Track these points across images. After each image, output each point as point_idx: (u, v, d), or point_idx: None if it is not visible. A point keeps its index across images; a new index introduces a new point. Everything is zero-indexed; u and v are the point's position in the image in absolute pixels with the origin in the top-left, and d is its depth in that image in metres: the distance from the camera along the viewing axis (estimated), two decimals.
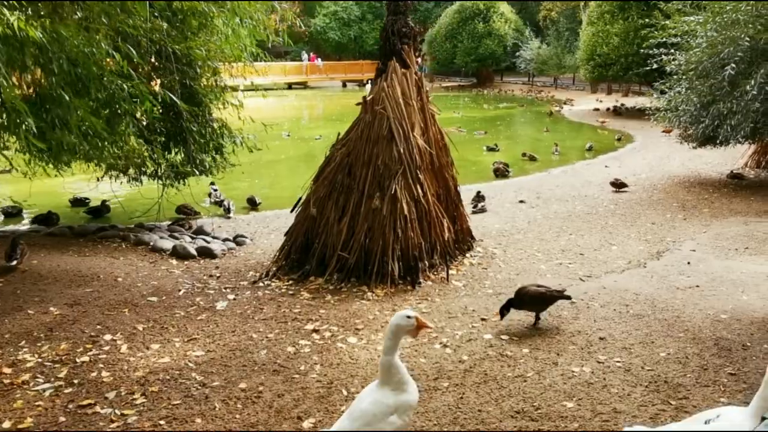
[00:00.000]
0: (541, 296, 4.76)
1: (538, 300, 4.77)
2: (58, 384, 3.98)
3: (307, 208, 6.65)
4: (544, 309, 4.88)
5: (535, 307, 4.84)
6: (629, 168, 13.52)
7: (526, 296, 4.76)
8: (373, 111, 6.60)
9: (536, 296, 4.76)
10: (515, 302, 4.80)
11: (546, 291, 4.80)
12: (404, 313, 2.88)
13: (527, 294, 4.77)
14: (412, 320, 2.86)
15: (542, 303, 4.82)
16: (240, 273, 6.59)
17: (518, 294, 4.82)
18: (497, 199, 10.64)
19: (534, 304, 4.81)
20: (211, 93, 8.45)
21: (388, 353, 2.83)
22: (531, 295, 4.76)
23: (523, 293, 4.79)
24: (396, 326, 2.86)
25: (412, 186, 6.31)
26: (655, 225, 8.38)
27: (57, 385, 3.97)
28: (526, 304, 4.80)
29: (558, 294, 4.81)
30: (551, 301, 4.82)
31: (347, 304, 5.52)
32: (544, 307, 4.86)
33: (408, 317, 2.87)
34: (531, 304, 4.80)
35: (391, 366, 2.83)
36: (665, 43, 11.63)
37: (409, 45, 6.80)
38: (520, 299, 4.79)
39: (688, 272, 6.08)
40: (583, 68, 25.78)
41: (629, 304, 5.27)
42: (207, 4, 7.78)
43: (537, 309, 4.88)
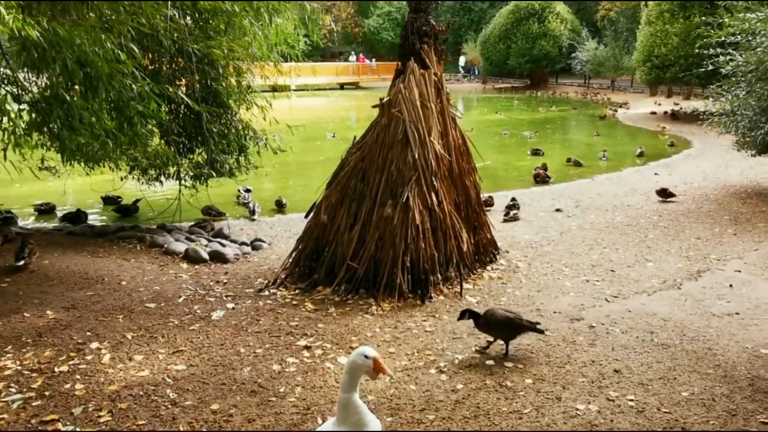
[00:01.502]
0: (507, 322, 4.33)
1: (504, 326, 4.35)
2: (29, 395, 3.83)
3: (318, 215, 6.40)
4: (511, 338, 4.42)
5: (501, 334, 4.41)
6: (681, 176, 12.68)
7: (492, 320, 4.38)
8: (390, 114, 6.28)
9: (502, 322, 4.34)
10: (482, 325, 4.44)
11: (515, 318, 4.35)
12: (362, 351, 2.60)
13: (493, 318, 4.38)
14: (369, 361, 2.57)
15: (508, 330, 4.37)
16: (248, 280, 6.38)
17: (485, 316, 4.44)
18: (533, 206, 10.11)
19: (500, 331, 4.39)
20: (234, 94, 8.31)
21: (346, 390, 2.59)
22: (497, 319, 4.36)
23: (489, 316, 4.42)
24: (353, 363, 2.59)
25: (426, 194, 5.95)
26: (700, 240, 7.70)
27: (28, 396, 3.82)
28: (492, 329, 4.41)
29: (528, 325, 4.35)
30: (519, 330, 4.37)
31: (349, 318, 5.22)
32: (511, 335, 4.41)
33: (366, 357, 2.57)
34: (497, 329, 4.40)
35: (349, 404, 2.58)
36: (723, 42, 10.80)
37: (429, 45, 6.44)
38: (486, 322, 4.41)
39: (728, 296, 5.47)
40: (639, 70, 24.61)
41: (655, 331, 4.75)
42: (231, 4, 7.65)
43: (503, 337, 4.43)
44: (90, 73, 5.73)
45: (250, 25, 7.89)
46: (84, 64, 5.58)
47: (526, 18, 39.18)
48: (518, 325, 4.32)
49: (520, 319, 4.35)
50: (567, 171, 14.02)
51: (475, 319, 4.48)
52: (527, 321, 4.37)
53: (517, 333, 4.38)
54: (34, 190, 10.70)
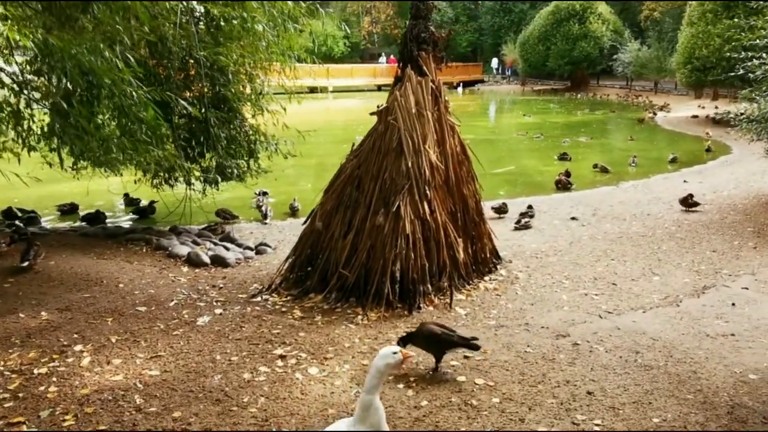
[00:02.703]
0: (434, 337, 4.23)
1: (431, 341, 4.26)
2: (4, 396, 3.95)
3: (314, 222, 6.41)
4: (440, 353, 4.31)
5: (430, 348, 4.33)
6: (712, 184, 12.21)
7: (420, 334, 4.31)
8: (386, 121, 6.25)
9: (429, 336, 4.25)
10: (413, 337, 4.37)
11: (442, 333, 4.24)
12: (390, 350, 2.74)
13: (422, 331, 4.31)
14: (398, 356, 2.73)
15: (436, 345, 4.27)
16: (244, 284, 6.44)
17: (417, 329, 4.40)
18: (549, 214, 9.90)
19: (428, 345, 4.32)
20: (244, 99, 8.41)
21: (370, 392, 2.65)
22: (425, 334, 4.28)
23: (419, 329, 4.36)
24: (384, 365, 2.70)
25: (418, 203, 5.88)
26: (716, 253, 7.38)
27: (2, 397, 3.94)
28: (421, 343, 4.33)
29: (460, 341, 4.23)
30: (447, 345, 4.25)
31: (332, 327, 5.21)
32: (440, 351, 4.30)
33: (394, 353, 2.73)
34: (425, 344, 4.33)
35: (371, 405, 2.63)
36: (754, 46, 10.35)
37: (428, 51, 6.38)
38: (416, 335, 4.33)
39: (728, 316, 5.22)
40: (679, 72, 23.83)
41: (641, 351, 4.57)
42: (240, 10, 7.74)
43: (432, 351, 4.34)
44: (92, 81, 5.91)
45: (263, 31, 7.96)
46: (86, 72, 5.76)
47: (567, 19, 38.49)
48: (445, 341, 4.24)
49: (450, 335, 4.25)
50: (593, 177, 13.69)
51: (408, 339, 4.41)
52: (459, 337, 4.26)
53: (446, 349, 4.30)
54: (63, 191, 11.05)
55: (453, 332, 4.29)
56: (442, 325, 4.40)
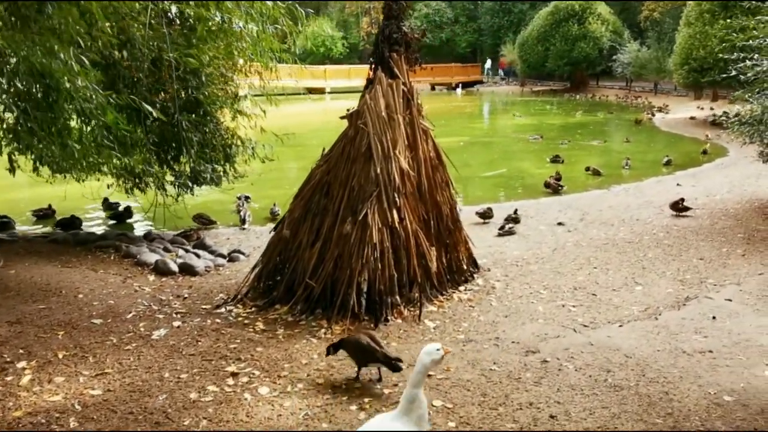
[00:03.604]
0: (359, 347, 4.17)
1: (356, 350, 4.20)
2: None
3: (281, 229, 6.18)
4: (362, 364, 4.22)
5: (354, 357, 4.25)
6: (705, 187, 11.94)
7: (349, 342, 4.28)
8: (356, 125, 6.02)
9: (356, 346, 4.20)
10: (343, 343, 4.33)
11: (367, 345, 4.13)
12: (433, 347, 2.89)
13: (350, 341, 4.27)
14: (441, 351, 2.90)
15: (360, 355, 4.19)
16: (210, 294, 6.22)
17: (349, 336, 4.44)
18: (536, 219, 9.65)
19: (353, 354, 4.25)
20: (219, 102, 8.18)
21: (415, 386, 2.81)
22: (352, 342, 4.24)
23: (349, 337, 4.37)
24: (430, 362, 2.87)
25: (387, 211, 5.65)
26: (703, 261, 7.13)
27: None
28: (349, 351, 4.29)
29: (382, 357, 4.09)
30: (369, 358, 4.14)
31: (293, 341, 4.97)
32: (362, 361, 4.20)
33: (438, 349, 2.89)
34: (351, 351, 4.27)
35: (416, 399, 2.79)
36: (746, 47, 10.08)
37: (399, 53, 6.14)
38: (346, 342, 4.32)
39: (707, 330, 4.97)
40: (676, 73, 23.53)
41: (612, 369, 4.32)
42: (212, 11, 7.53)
43: (356, 360, 4.25)
44: (50, 84, 5.69)
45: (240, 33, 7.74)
46: (42, 75, 5.54)
47: (566, 19, 38.18)
48: (369, 353, 4.13)
49: (375, 349, 4.11)
50: (584, 180, 13.43)
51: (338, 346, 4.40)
52: (383, 354, 4.10)
53: (368, 361, 4.17)
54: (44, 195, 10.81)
55: (379, 347, 4.15)
56: (372, 337, 4.28)
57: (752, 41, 9.86)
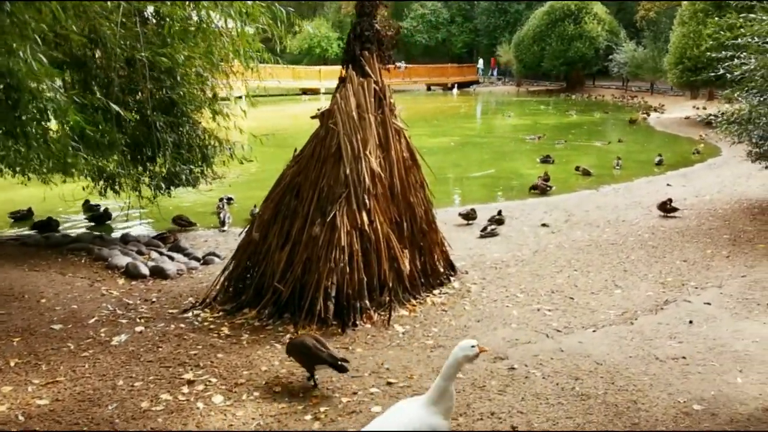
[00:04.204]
0: (305, 350, 4.09)
1: (302, 353, 4.12)
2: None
3: (251, 232, 6.04)
4: (309, 367, 4.12)
5: (300, 360, 4.17)
6: (695, 187, 11.81)
7: (294, 347, 4.21)
8: (326, 126, 5.88)
9: (302, 348, 4.12)
10: (290, 346, 4.26)
11: (313, 347, 4.03)
12: (468, 344, 2.89)
13: (295, 344, 4.19)
14: (476, 349, 2.88)
15: (306, 357, 4.10)
16: (179, 298, 6.07)
17: (295, 338, 4.34)
18: (521, 220, 9.51)
19: (299, 356, 4.17)
20: (196, 102, 8.03)
21: (447, 379, 2.84)
22: (298, 345, 4.16)
23: (295, 339, 4.29)
24: (463, 357, 2.86)
25: (356, 213, 5.51)
26: (686, 263, 6.98)
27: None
28: (295, 356, 4.20)
29: (328, 358, 4.01)
30: (316, 360, 4.05)
31: (256, 347, 4.83)
32: (308, 364, 4.11)
33: (473, 346, 2.88)
34: (296, 355, 4.19)
35: (446, 391, 2.83)
36: (735, 45, 9.94)
37: (371, 51, 6.00)
38: (293, 345, 4.23)
39: (682, 336, 4.82)
40: (670, 72, 23.39)
41: (581, 377, 4.18)
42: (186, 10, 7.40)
43: (302, 364, 4.17)
44: (11, 83, 5.55)
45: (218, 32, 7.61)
46: (2, 74, 5.40)
47: (562, 19, 38.08)
48: (314, 355, 4.03)
49: (321, 350, 4.03)
50: (574, 180, 13.28)
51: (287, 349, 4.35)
52: (329, 355, 4.02)
53: (315, 363, 4.08)
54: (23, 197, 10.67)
55: (325, 348, 4.06)
56: (318, 339, 4.19)
57: (740, 39, 9.72)
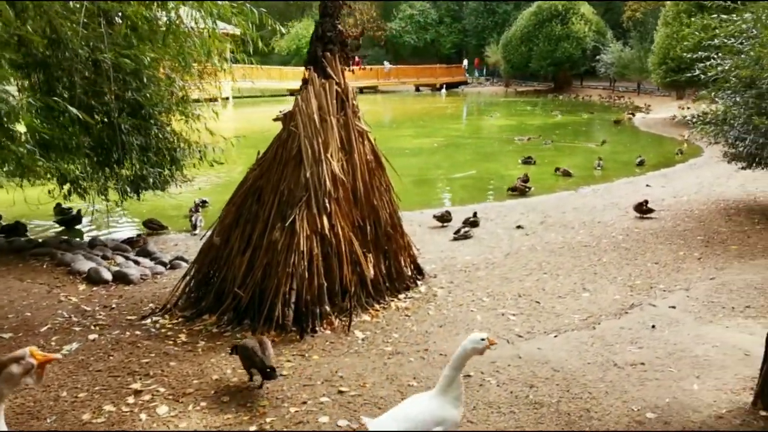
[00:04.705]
0: (243, 352, 4.11)
1: (240, 354, 4.17)
2: None
3: (212, 236, 5.93)
4: (247, 370, 4.14)
5: (242, 362, 4.18)
6: (674, 188, 11.79)
7: (236, 347, 4.29)
8: (288, 128, 5.78)
9: (240, 350, 4.16)
10: (235, 348, 4.32)
11: (251, 350, 4.04)
12: (478, 336, 2.95)
13: (239, 346, 4.21)
14: (485, 342, 2.94)
15: (243, 360, 4.13)
16: (140, 304, 5.95)
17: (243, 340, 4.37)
18: (496, 222, 9.44)
19: (240, 358, 4.17)
20: (164, 104, 7.90)
21: (455, 369, 2.92)
22: (238, 346, 4.22)
23: (241, 341, 4.31)
24: (471, 350, 2.93)
25: (316, 217, 5.41)
26: (657, 265, 6.93)
27: None
28: (236, 355, 4.25)
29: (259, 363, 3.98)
30: (250, 364, 4.06)
31: (210, 355, 4.71)
32: (246, 367, 4.13)
33: (482, 339, 2.94)
34: (239, 356, 4.19)
35: (454, 380, 2.91)
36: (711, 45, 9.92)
37: (333, 52, 5.90)
38: (237, 347, 4.28)
39: (644, 341, 4.75)
40: (654, 72, 23.43)
41: (536, 385, 4.09)
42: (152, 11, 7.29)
43: (244, 366, 4.17)
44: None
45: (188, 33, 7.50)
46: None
47: (549, 20, 38.12)
48: (248, 359, 4.04)
49: (255, 355, 4.01)
50: (554, 181, 13.23)
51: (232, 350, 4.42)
52: (260, 360, 3.99)
53: (249, 366, 4.09)
54: None
55: (262, 355, 4.02)
56: (262, 342, 4.16)
57: (716, 40, 9.69)
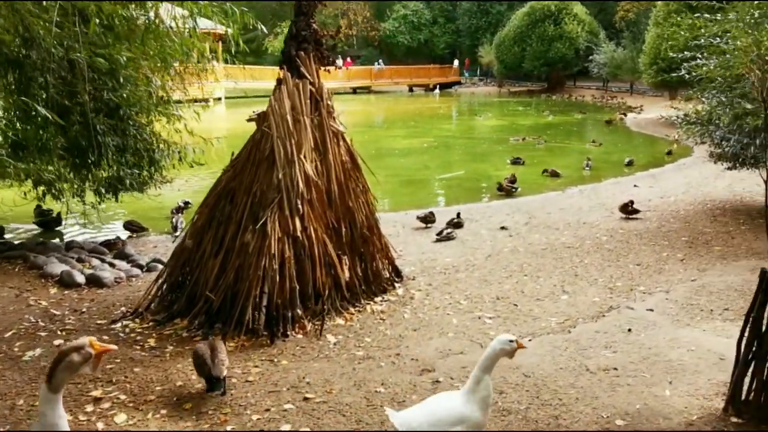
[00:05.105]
0: (194, 359, 4.03)
1: (193, 362, 4.06)
2: None
3: (185, 239, 5.83)
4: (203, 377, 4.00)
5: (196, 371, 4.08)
6: (662, 188, 11.74)
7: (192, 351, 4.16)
8: (262, 128, 5.68)
9: (193, 357, 4.07)
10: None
11: (201, 358, 3.93)
12: (506, 338, 2.97)
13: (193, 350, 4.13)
14: (513, 344, 2.97)
15: (196, 368, 4.04)
16: (111, 308, 5.83)
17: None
18: (481, 222, 9.35)
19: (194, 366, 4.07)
20: (142, 105, 7.79)
21: (484, 371, 2.93)
22: (193, 351, 4.11)
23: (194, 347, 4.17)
24: (500, 350, 2.95)
25: (288, 219, 5.31)
26: (639, 267, 6.86)
27: None
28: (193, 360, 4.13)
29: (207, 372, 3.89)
30: (199, 372, 4.00)
31: (177, 360, 4.61)
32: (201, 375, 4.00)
33: (510, 341, 2.96)
34: (193, 364, 4.09)
35: (482, 381, 2.91)
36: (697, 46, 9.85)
37: (308, 51, 5.80)
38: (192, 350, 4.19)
39: (618, 345, 4.67)
40: (645, 73, 23.41)
41: (506, 391, 4.01)
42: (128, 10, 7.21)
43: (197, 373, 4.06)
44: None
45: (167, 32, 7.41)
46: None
47: (542, 20, 38.02)
48: (199, 366, 3.95)
49: (204, 363, 3.91)
50: (542, 182, 13.16)
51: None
52: (208, 369, 3.89)
53: (199, 374, 4.01)
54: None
55: (210, 363, 3.91)
56: (215, 348, 4.04)
57: (702, 40, 9.63)
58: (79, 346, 2.30)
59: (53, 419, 2.24)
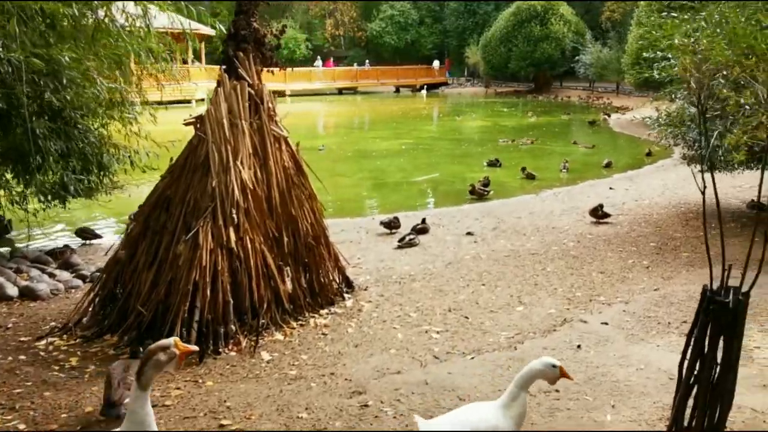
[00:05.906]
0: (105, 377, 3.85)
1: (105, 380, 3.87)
2: None
3: (118, 250, 5.52)
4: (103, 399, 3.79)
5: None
6: (638, 191, 11.51)
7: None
8: (197, 133, 5.38)
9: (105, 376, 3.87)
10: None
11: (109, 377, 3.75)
12: (549, 362, 2.84)
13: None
14: (556, 370, 2.83)
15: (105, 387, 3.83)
16: (40, 323, 5.52)
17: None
18: (447, 228, 9.07)
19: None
20: (90, 108, 7.47)
21: (521, 387, 2.81)
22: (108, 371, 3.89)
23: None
24: (538, 371, 2.82)
25: (222, 229, 5.01)
26: (603, 275, 6.60)
27: None
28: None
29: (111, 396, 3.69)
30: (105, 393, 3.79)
31: (95, 382, 4.29)
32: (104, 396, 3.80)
33: (553, 366, 2.83)
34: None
35: (519, 397, 2.80)
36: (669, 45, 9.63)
37: (247, 51, 5.51)
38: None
39: (565, 363, 4.27)
40: (628, 73, 23.26)
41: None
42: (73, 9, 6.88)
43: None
44: None
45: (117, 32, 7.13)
46: None
47: (528, 20, 37.93)
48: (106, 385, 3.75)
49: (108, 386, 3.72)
50: (517, 184, 12.91)
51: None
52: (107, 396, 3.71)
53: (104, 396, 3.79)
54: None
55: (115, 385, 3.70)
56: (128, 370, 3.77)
57: (676, 39, 9.40)
58: (165, 346, 2.46)
59: (142, 416, 2.38)
